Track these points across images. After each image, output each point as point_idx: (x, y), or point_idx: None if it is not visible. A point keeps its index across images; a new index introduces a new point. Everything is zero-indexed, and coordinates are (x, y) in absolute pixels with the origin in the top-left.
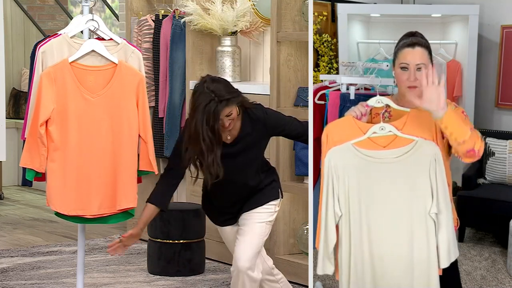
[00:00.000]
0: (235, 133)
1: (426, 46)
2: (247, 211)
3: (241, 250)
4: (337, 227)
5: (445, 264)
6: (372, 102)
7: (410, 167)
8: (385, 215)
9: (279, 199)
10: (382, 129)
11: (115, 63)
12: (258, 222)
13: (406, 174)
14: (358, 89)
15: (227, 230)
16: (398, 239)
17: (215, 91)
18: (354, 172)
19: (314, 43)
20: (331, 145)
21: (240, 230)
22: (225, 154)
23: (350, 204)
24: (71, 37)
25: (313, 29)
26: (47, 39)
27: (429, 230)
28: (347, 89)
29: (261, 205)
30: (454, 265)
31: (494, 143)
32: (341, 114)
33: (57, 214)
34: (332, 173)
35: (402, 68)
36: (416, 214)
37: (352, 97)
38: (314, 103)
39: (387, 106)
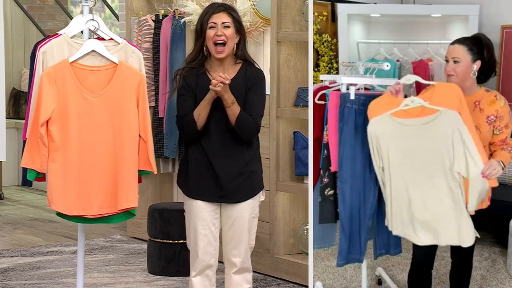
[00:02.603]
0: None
1: (467, 44)
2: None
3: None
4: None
5: (473, 207)
6: (403, 80)
7: (435, 132)
8: (417, 169)
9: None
10: (412, 102)
11: (115, 63)
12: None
13: (433, 137)
14: (358, 89)
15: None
16: (423, 186)
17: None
18: (392, 135)
19: (314, 43)
20: (374, 115)
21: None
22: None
23: (390, 158)
24: (71, 37)
25: (313, 29)
26: (47, 39)
27: (455, 184)
28: (347, 89)
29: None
30: (470, 252)
31: None
32: (341, 114)
33: (59, 214)
34: (375, 140)
35: (445, 60)
36: (442, 170)
37: (352, 97)
38: (314, 103)
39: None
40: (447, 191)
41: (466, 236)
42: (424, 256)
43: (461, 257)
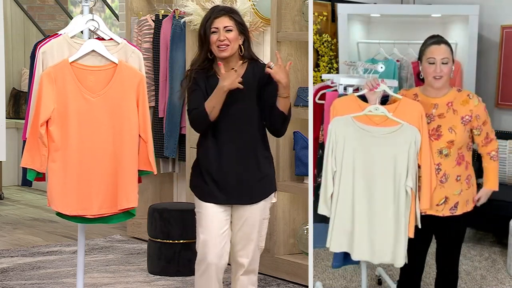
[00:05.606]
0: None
1: (449, 44)
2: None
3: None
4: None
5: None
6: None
7: (394, 144)
8: (368, 177)
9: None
10: (376, 109)
11: (115, 63)
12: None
13: (391, 148)
14: (357, 89)
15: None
16: (377, 198)
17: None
18: (350, 140)
19: (314, 43)
20: (335, 115)
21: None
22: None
23: (343, 161)
24: (71, 37)
25: (313, 29)
26: (47, 39)
27: (401, 200)
28: (345, 89)
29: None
30: (455, 261)
31: None
32: None
33: (58, 214)
34: (333, 138)
35: (429, 63)
36: (392, 182)
37: None
38: (314, 102)
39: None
40: (392, 205)
41: (398, 256)
42: (413, 263)
43: (446, 265)
